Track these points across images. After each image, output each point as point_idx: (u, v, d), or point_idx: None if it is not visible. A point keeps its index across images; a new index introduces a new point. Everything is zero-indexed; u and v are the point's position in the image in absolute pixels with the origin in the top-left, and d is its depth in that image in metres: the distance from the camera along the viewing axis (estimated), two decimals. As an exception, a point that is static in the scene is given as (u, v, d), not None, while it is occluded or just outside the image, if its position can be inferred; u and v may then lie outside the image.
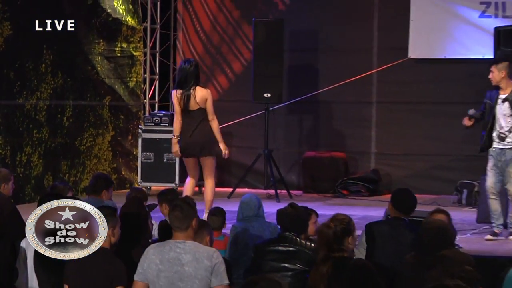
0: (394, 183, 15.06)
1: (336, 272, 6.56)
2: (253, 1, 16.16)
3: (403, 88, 15.45)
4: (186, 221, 6.51)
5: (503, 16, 14.78)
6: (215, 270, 6.25)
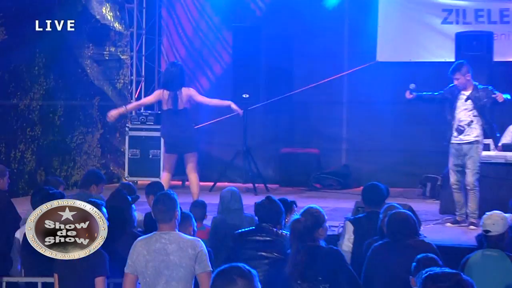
0: (363, 178, 15.08)
1: (309, 260, 6.59)
2: (232, 8, 16.13)
3: (372, 89, 15.45)
4: (169, 214, 6.51)
5: (464, 22, 14.86)
6: (198, 258, 6.24)
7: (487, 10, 14.88)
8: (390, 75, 15.23)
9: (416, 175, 14.53)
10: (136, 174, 14.75)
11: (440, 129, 11.49)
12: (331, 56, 15.68)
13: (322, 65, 15.66)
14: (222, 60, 16.17)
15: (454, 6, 15.01)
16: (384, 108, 15.40)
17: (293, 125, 16.14)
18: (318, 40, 15.69)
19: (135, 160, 14.93)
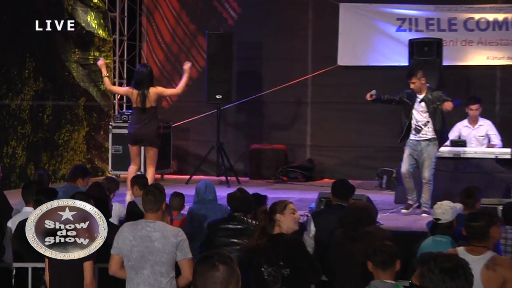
0: (326, 171, 15.18)
1: (272, 246, 6.62)
2: (206, 16, 16.11)
3: (333, 90, 15.51)
4: (157, 205, 6.54)
5: (416, 30, 14.95)
6: (179, 246, 6.29)
7: (437, 19, 14.98)
8: (350, 78, 15.29)
9: (373, 169, 14.57)
10: (119, 168, 14.66)
11: (395, 128, 11.52)
12: (297, 60, 15.70)
13: (289, 69, 15.68)
14: (197, 64, 16.11)
15: (408, 15, 15.09)
16: (344, 107, 15.46)
17: (262, 123, 16.11)
18: (285, 46, 15.70)
19: (117, 155, 14.85)
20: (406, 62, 13.63)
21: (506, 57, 14.72)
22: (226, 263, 3.91)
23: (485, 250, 6.29)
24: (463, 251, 6.32)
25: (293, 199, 7.58)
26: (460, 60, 14.89)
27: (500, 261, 6.29)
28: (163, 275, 6.26)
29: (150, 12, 16.54)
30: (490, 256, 6.25)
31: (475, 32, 14.88)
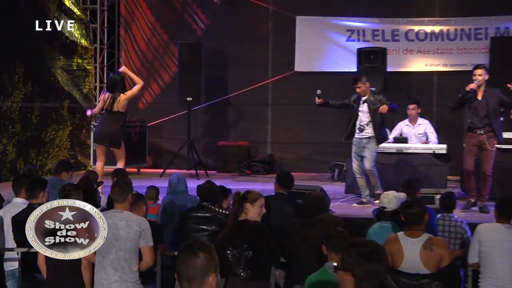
0: (285, 165, 15.20)
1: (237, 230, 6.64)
2: (178, 27, 16.07)
3: (291, 93, 15.54)
4: (123, 196, 6.48)
5: (363, 40, 15.03)
6: (142, 234, 6.26)
7: (382, 31, 15.07)
8: (305, 82, 15.27)
9: (326, 163, 14.62)
10: (100, 163, 14.66)
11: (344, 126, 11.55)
12: (258, 67, 15.71)
13: (251, 74, 15.68)
14: (170, 70, 16.11)
15: (356, 27, 15.16)
16: (300, 109, 15.49)
17: (228, 123, 16.12)
18: (248, 54, 15.69)
19: (99, 151, 14.81)
20: (354, 68, 13.71)
21: (442, 64, 14.87)
22: (206, 251, 3.91)
23: (421, 233, 6.38)
24: (403, 235, 6.40)
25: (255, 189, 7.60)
26: (402, 66, 14.98)
27: (436, 241, 6.39)
28: (126, 260, 6.21)
29: (127, 24, 16.48)
30: (427, 237, 6.35)
31: (415, 42, 14.99)
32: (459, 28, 14.79)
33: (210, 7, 15.99)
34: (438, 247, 6.31)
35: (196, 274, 3.87)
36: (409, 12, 15.04)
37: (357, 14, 15.18)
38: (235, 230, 6.63)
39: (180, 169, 14.15)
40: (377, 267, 3.82)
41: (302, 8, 15.36)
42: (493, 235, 6.80)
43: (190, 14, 16.11)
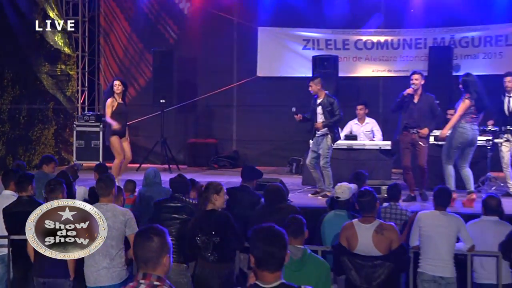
0: (248, 160, 15.23)
1: (206, 219, 6.66)
2: (152, 37, 16.02)
3: (254, 96, 15.58)
4: (108, 190, 6.50)
5: (318, 48, 15.09)
6: (127, 223, 6.31)
7: (334, 40, 15.14)
8: (267, 86, 15.40)
9: (285, 157, 14.66)
10: (82, 159, 14.59)
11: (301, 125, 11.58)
12: (225, 72, 15.72)
13: (218, 79, 15.69)
14: (145, 75, 16.08)
15: (311, 37, 15.21)
16: (262, 109, 15.55)
17: (197, 122, 16.13)
18: (215, 60, 15.69)
19: (80, 148, 14.76)
20: (310, 74, 13.67)
21: (386, 70, 15.00)
22: (159, 235, 3.94)
23: (373, 220, 6.43)
24: (357, 222, 6.45)
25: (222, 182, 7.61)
26: (351, 72, 15.05)
27: (386, 226, 6.45)
28: (113, 247, 6.24)
29: (106, 33, 16.41)
30: (378, 223, 6.41)
31: (363, 51, 15.08)
32: (402, 38, 14.92)
33: (181, 18, 15.98)
34: (388, 231, 6.36)
35: (151, 256, 3.89)
36: (358, 24, 15.10)
37: (312, 26, 15.22)
38: (204, 219, 6.66)
39: (154, 164, 14.17)
40: (273, 250, 3.82)
41: (264, 20, 15.39)
42: (431, 221, 6.89)
43: (163, 25, 16.08)
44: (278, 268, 3.83)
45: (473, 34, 14.51)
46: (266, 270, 3.81)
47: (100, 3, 16.34)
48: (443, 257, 6.80)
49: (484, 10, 14.42)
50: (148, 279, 3.85)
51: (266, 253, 3.81)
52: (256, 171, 8.50)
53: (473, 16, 14.44)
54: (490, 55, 14.45)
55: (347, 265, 6.30)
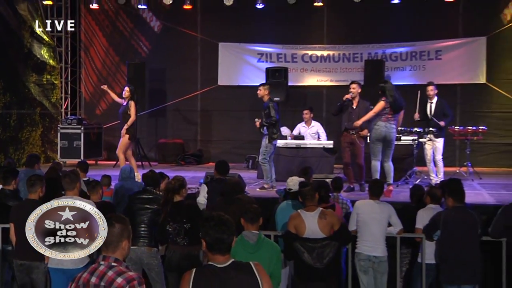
0: (211, 157, 15.27)
1: (176, 210, 6.67)
2: (127, 51, 15.94)
3: (215, 102, 15.60)
4: (72, 185, 6.44)
5: (270, 61, 15.14)
6: None
7: (284, 54, 15.20)
8: (226, 94, 15.44)
9: (242, 155, 14.68)
10: (65, 157, 14.45)
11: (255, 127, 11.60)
12: (190, 81, 15.72)
13: (184, 87, 15.69)
14: (121, 84, 15.91)
15: (265, 51, 15.27)
16: (222, 114, 15.61)
17: (167, 125, 16.07)
18: (182, 71, 15.70)
19: (64, 148, 14.62)
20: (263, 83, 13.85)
21: (329, 80, 15.12)
22: (120, 222, 3.93)
23: (315, 208, 6.51)
24: (303, 211, 6.52)
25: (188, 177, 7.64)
26: (299, 81, 15.12)
27: (327, 212, 6.55)
28: None
29: (86, 48, 16.28)
30: (320, 210, 6.50)
31: (309, 63, 15.17)
32: (341, 53, 15.04)
33: (152, 35, 15.94)
34: (329, 216, 6.47)
35: (112, 240, 3.88)
36: (304, 41, 15.20)
37: (265, 41, 15.27)
38: (175, 209, 6.67)
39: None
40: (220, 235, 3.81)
41: (224, 37, 15.42)
42: (366, 208, 6.99)
43: (136, 41, 16.01)
44: (227, 251, 3.83)
45: (401, 49, 14.74)
46: (218, 253, 3.81)
47: (81, 21, 16.20)
48: (376, 239, 6.90)
49: (411, 30, 14.68)
50: (107, 260, 3.84)
51: (216, 239, 3.80)
52: (228, 165, 8.52)
53: (401, 35, 14.69)
54: (416, 67, 14.70)
55: (299, 249, 6.36)
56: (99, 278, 3.78)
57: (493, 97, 14.45)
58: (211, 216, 3.95)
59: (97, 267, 3.83)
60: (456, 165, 13.24)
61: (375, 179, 7.98)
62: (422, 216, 7.03)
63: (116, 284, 3.74)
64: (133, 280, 3.76)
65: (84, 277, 3.82)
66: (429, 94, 11.28)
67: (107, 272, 3.79)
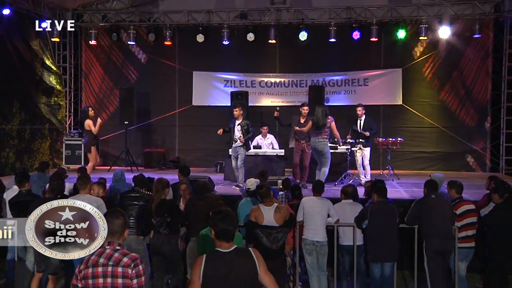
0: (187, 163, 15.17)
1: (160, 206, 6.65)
2: (119, 77, 15.78)
3: (190, 118, 15.52)
4: (84, 185, 6.42)
5: (234, 86, 15.13)
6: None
7: (245, 81, 15.20)
8: (199, 112, 15.39)
9: (212, 161, 14.63)
10: (69, 163, 14.27)
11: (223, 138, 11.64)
12: (170, 102, 15.62)
13: (165, 107, 15.59)
14: (114, 104, 15.82)
15: (230, 78, 15.26)
16: (196, 128, 15.53)
17: (151, 137, 15.92)
18: (163, 94, 15.60)
19: (68, 156, 14.46)
20: (229, 104, 13.85)
21: (281, 101, 15.12)
22: (123, 215, 3.97)
23: (272, 203, 6.57)
24: (262, 205, 6.58)
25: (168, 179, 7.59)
26: (257, 103, 15.11)
27: (281, 207, 6.64)
28: None
29: (86, 75, 16.08)
30: (276, 205, 6.57)
31: (265, 88, 15.19)
32: (290, 80, 15.12)
33: (139, 65, 15.83)
34: (283, 210, 6.55)
35: (118, 229, 3.88)
36: (261, 70, 15.23)
37: (230, 70, 15.25)
38: (159, 206, 6.66)
39: (120, 166, 13.96)
40: (227, 227, 3.84)
41: (197, 66, 15.38)
42: (310, 203, 7.05)
43: (126, 69, 15.87)
44: (231, 239, 3.85)
45: (337, 77, 14.92)
46: (224, 240, 3.83)
47: (82, 54, 16.01)
48: (318, 228, 6.96)
49: (344, 62, 14.87)
50: (112, 245, 3.84)
51: (223, 230, 3.82)
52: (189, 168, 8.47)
53: (337, 66, 14.88)
54: (349, 92, 14.88)
55: (259, 234, 6.41)
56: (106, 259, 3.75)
57: (408, 115, 14.75)
58: (219, 210, 3.97)
59: (104, 251, 3.81)
60: (380, 168, 13.45)
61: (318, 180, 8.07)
62: (336, 209, 7.15)
63: (123, 262, 3.74)
64: (137, 259, 3.82)
65: (92, 259, 3.77)
66: (358, 113, 11.48)
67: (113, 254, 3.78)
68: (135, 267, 3.75)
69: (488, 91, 14.42)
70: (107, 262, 3.73)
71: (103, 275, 3.68)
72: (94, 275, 3.69)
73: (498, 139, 14.37)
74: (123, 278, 3.70)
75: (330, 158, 10.34)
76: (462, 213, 7.06)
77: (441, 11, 14.20)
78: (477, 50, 14.32)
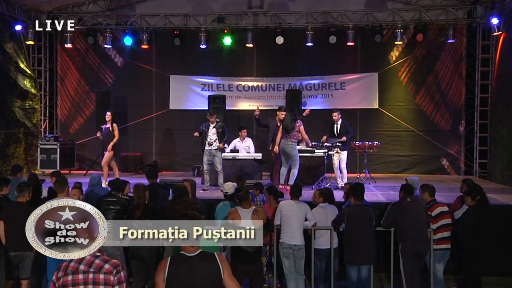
0: (164, 167, 15.15)
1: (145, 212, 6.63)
2: (95, 81, 15.66)
3: (167, 122, 15.50)
4: (62, 188, 6.37)
5: (211, 90, 15.14)
6: None
7: (222, 85, 15.23)
8: (177, 116, 15.37)
9: (189, 165, 14.65)
10: (44, 167, 14.12)
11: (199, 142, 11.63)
12: (147, 106, 15.56)
13: (142, 111, 15.52)
14: (90, 108, 15.68)
15: (207, 82, 15.27)
16: (173, 131, 15.50)
17: (128, 141, 15.80)
18: (140, 98, 15.53)
19: (43, 160, 14.28)
20: (206, 108, 13.80)
21: (258, 105, 14.94)
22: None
23: (249, 206, 6.57)
24: (240, 208, 6.56)
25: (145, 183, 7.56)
26: (235, 106, 15.14)
27: (259, 210, 6.63)
28: None
29: (62, 79, 15.91)
30: (253, 208, 6.57)
31: (242, 92, 15.24)
32: (268, 84, 15.18)
33: (115, 68, 15.72)
34: (260, 213, 6.53)
35: None
36: (238, 74, 15.25)
37: (207, 74, 15.26)
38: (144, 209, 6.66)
39: (97, 170, 13.82)
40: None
41: (174, 70, 15.36)
42: (288, 207, 7.07)
43: (103, 73, 15.76)
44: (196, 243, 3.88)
45: (314, 81, 15.02)
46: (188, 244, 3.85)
47: (57, 57, 15.85)
48: (296, 231, 6.97)
49: (321, 67, 14.98)
50: None
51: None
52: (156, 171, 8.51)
53: (314, 70, 14.98)
54: (326, 95, 14.99)
55: (236, 236, 6.43)
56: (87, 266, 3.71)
57: (384, 119, 14.91)
58: (185, 213, 3.96)
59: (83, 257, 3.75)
60: (357, 172, 13.53)
61: (296, 184, 8.09)
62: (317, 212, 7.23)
63: (105, 269, 3.71)
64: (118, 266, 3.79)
65: (72, 266, 3.71)
66: (334, 117, 11.57)
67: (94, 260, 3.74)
68: (117, 274, 3.74)
69: (462, 95, 14.66)
70: (88, 269, 3.69)
71: (84, 282, 3.65)
72: (75, 282, 3.65)
73: (472, 142, 14.60)
74: (105, 285, 3.68)
75: (298, 161, 10.45)
76: (437, 215, 7.16)
77: (416, 16, 14.41)
78: (451, 55, 14.55)
